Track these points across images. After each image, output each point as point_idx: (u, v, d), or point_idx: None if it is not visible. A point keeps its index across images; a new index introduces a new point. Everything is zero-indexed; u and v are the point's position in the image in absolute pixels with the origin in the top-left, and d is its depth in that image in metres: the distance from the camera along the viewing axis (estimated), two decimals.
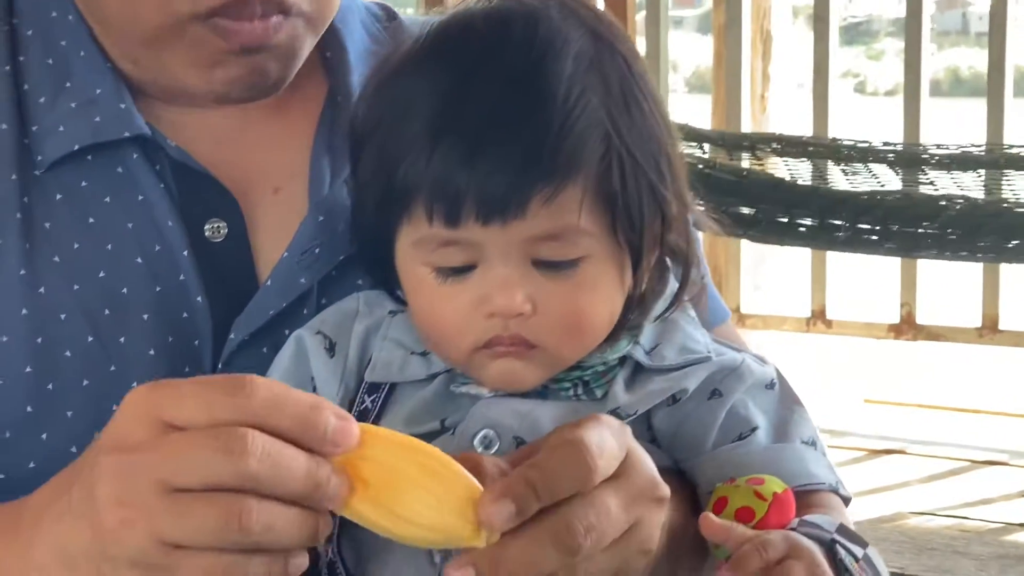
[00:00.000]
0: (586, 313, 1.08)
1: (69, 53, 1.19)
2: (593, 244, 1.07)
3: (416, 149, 1.05)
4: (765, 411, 1.14)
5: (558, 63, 1.06)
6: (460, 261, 1.06)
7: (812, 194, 2.52)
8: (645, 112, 1.10)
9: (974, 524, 3.82)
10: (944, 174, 2.78)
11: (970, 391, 5.05)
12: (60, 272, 1.14)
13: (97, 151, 1.16)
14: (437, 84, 1.06)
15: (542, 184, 1.03)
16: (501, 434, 1.08)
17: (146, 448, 0.86)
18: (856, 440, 4.49)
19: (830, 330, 4.53)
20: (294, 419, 0.87)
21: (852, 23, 23.41)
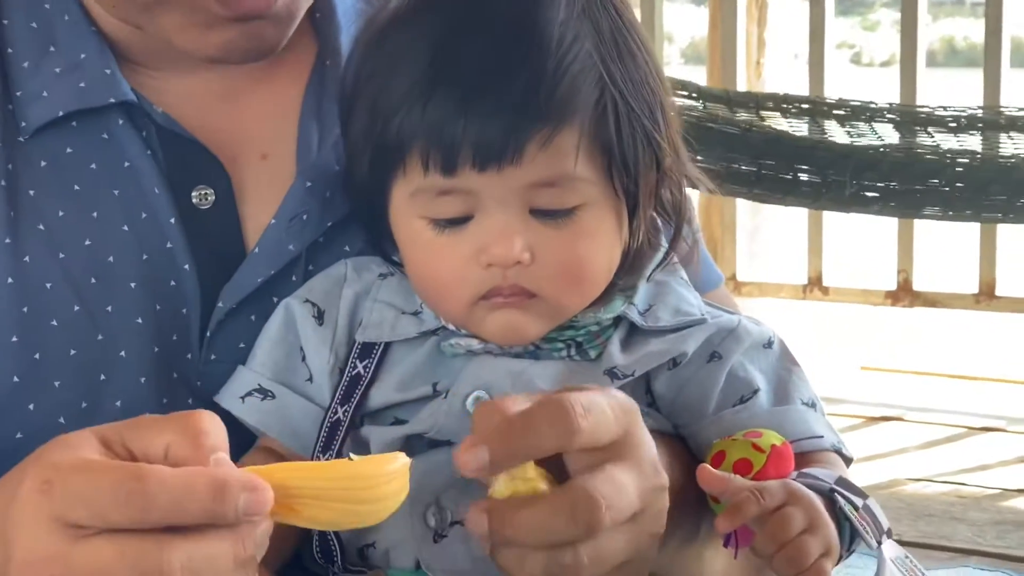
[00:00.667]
0: (584, 261, 1.07)
1: (53, 17, 1.17)
2: (590, 191, 1.07)
3: (410, 99, 1.04)
4: (764, 371, 1.14)
5: (550, 10, 1.05)
6: (457, 211, 1.06)
7: (815, 148, 2.47)
8: (638, 60, 1.09)
9: (971, 490, 3.82)
10: (948, 134, 2.75)
11: (967, 357, 5.05)
12: (45, 240, 1.12)
13: (82, 117, 1.15)
14: (429, 34, 1.06)
15: (538, 128, 1.03)
16: (493, 394, 1.07)
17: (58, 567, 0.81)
18: (853, 407, 4.49)
19: (827, 297, 4.53)
20: (201, 515, 0.81)
21: None
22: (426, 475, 1.05)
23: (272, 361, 1.12)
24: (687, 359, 1.11)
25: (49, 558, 0.81)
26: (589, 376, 1.08)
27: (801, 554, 1.00)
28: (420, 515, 1.06)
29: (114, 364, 1.01)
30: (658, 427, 1.11)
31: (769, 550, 1.00)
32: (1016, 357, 5.06)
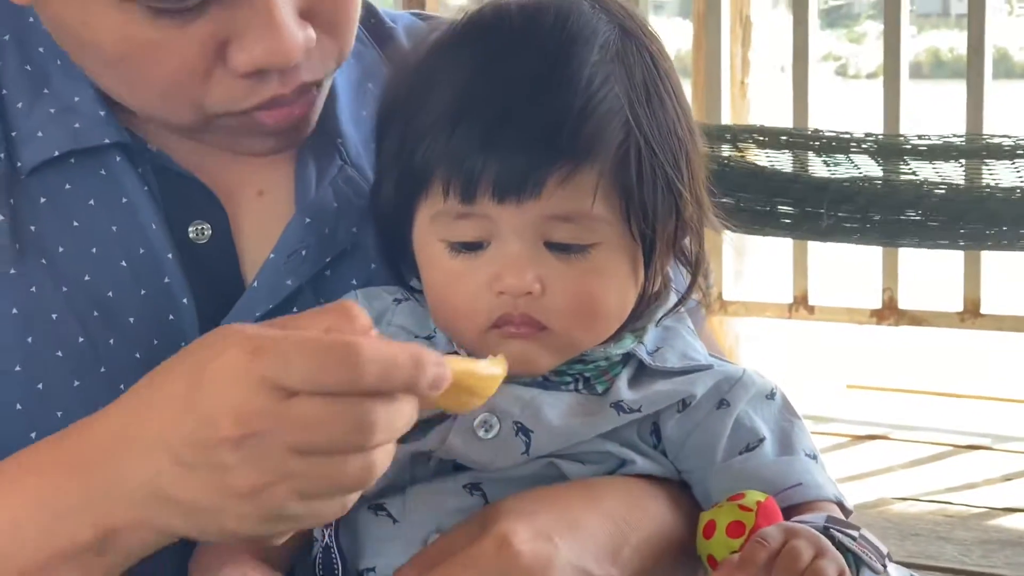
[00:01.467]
0: (595, 298, 1.09)
1: (46, 60, 1.18)
2: (606, 231, 1.09)
3: (438, 126, 1.07)
4: (767, 421, 1.15)
5: (584, 50, 1.08)
6: (473, 236, 1.08)
7: (793, 182, 2.52)
8: (668, 108, 1.12)
9: (957, 509, 3.83)
10: (925, 164, 2.78)
11: (953, 376, 5.06)
12: (48, 274, 1.13)
13: (79, 154, 1.16)
14: (465, 64, 1.09)
15: (559, 164, 1.05)
16: (501, 419, 1.09)
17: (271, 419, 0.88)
18: (839, 426, 4.50)
19: (812, 316, 4.53)
20: (402, 385, 0.89)
21: (833, 6, 23.42)
22: (429, 502, 1.08)
23: None
24: (696, 402, 1.13)
25: (259, 413, 0.88)
26: (596, 408, 1.10)
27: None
28: (422, 540, 1.07)
29: (115, 396, 1.02)
30: (662, 472, 1.13)
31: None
32: (1001, 375, 5.07)
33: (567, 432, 1.10)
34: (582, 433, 1.10)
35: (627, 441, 1.12)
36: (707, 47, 4.54)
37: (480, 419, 1.09)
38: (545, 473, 1.10)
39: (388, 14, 1.35)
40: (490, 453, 1.09)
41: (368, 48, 1.30)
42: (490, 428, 1.09)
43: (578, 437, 1.10)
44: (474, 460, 1.09)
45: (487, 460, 1.08)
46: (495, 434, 1.08)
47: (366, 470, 0.90)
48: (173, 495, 0.92)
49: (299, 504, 0.90)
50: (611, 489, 1.10)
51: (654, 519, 1.11)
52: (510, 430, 1.08)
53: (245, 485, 0.89)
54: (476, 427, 1.08)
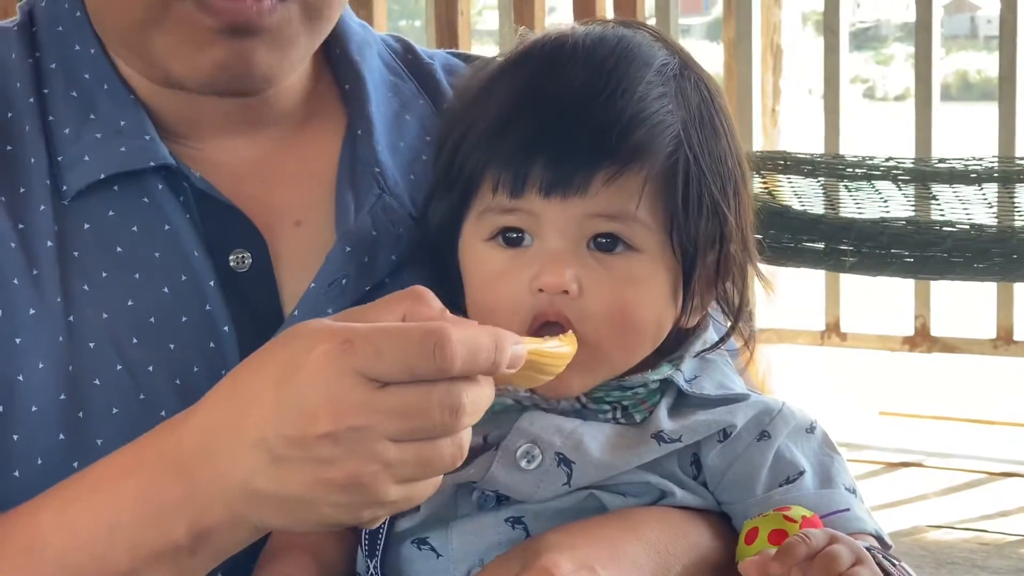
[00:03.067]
0: (631, 307, 1.10)
1: (93, 86, 1.20)
2: (648, 239, 1.10)
3: (493, 129, 1.10)
4: (807, 455, 1.15)
5: (643, 68, 1.12)
6: (516, 223, 1.11)
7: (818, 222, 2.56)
8: (720, 138, 1.14)
9: (993, 537, 3.81)
10: (952, 194, 2.80)
11: (986, 403, 5.04)
12: (89, 301, 1.15)
13: (123, 181, 1.17)
14: (523, 77, 1.13)
15: (607, 164, 1.08)
16: (544, 449, 1.09)
17: (368, 411, 0.91)
18: (872, 453, 4.48)
19: (845, 343, 4.53)
20: (486, 365, 0.93)
21: (861, 28, 23.39)
22: (472, 536, 1.09)
23: None
24: (737, 433, 1.13)
25: (356, 406, 0.91)
26: (637, 439, 1.11)
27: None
28: (465, 574, 1.09)
29: (155, 423, 1.03)
30: (702, 504, 1.13)
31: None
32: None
33: (608, 463, 1.10)
34: (623, 464, 1.11)
35: (667, 472, 1.12)
36: (738, 75, 4.55)
37: (523, 450, 1.10)
38: (586, 505, 1.11)
39: (425, 52, 1.37)
40: (532, 484, 1.09)
41: (406, 82, 1.32)
42: (532, 459, 1.09)
43: (619, 468, 1.11)
44: (517, 491, 1.09)
45: (529, 491, 1.09)
46: (537, 465, 1.09)
47: (457, 449, 0.94)
48: (271, 491, 0.94)
49: (396, 489, 0.93)
50: (652, 519, 1.11)
51: (696, 548, 1.11)
52: (552, 461, 1.09)
53: (344, 476, 0.92)
54: (519, 458, 1.09)
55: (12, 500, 1.07)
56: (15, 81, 1.20)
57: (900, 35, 22.60)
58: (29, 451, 1.11)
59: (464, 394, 0.92)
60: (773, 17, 4.78)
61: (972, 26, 24.84)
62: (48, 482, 1.08)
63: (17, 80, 1.20)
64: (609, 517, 1.10)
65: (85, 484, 1.02)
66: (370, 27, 1.34)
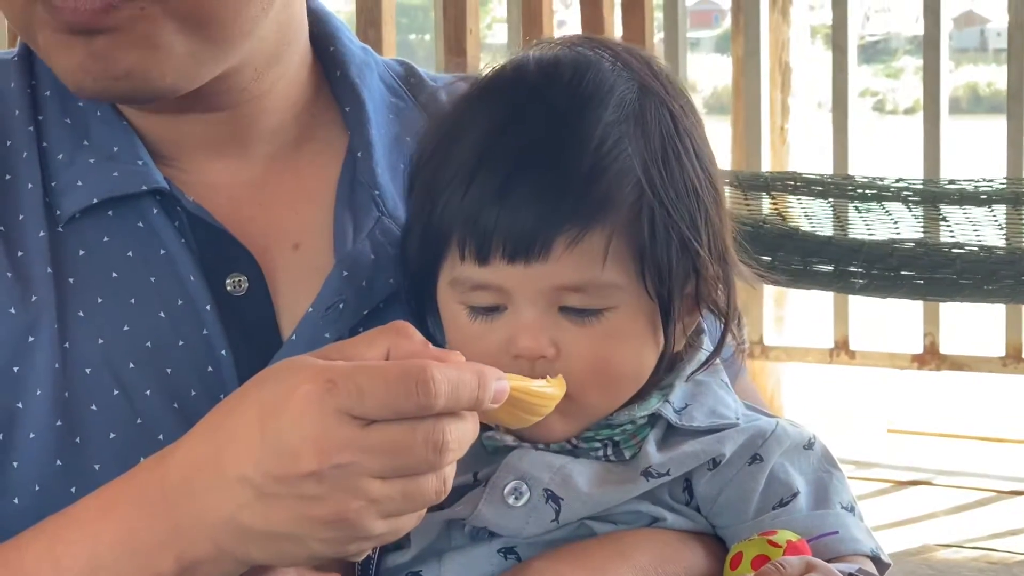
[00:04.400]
0: (612, 362, 1.09)
1: (86, 112, 1.20)
2: (620, 296, 1.08)
3: (454, 184, 1.08)
4: (804, 473, 1.14)
5: (598, 110, 1.08)
6: (490, 302, 1.09)
7: (827, 244, 2.57)
8: (686, 168, 1.11)
9: (1001, 556, 3.81)
10: (962, 215, 2.81)
11: (995, 421, 5.04)
12: (85, 326, 1.15)
13: (117, 206, 1.17)
14: (482, 122, 1.10)
15: (568, 227, 1.05)
16: (532, 486, 1.09)
17: (352, 449, 0.92)
18: (881, 471, 4.48)
19: (853, 361, 4.52)
20: (469, 402, 0.94)
21: (870, 41, 23.40)
22: (464, 568, 1.09)
23: None
24: (727, 460, 1.12)
25: (339, 445, 0.91)
26: (625, 475, 1.10)
27: None
28: None
29: (152, 448, 1.03)
30: (694, 528, 1.13)
31: None
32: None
33: (597, 499, 1.10)
34: (612, 500, 1.10)
35: (659, 500, 1.12)
36: (746, 93, 4.55)
37: (511, 487, 1.09)
38: (578, 534, 1.10)
39: (429, 75, 1.36)
40: (521, 520, 1.09)
41: (408, 105, 1.32)
42: (520, 495, 1.09)
43: (607, 504, 1.10)
44: (505, 527, 1.09)
45: (518, 527, 1.09)
46: (525, 501, 1.09)
47: (441, 484, 0.95)
48: (257, 527, 0.95)
49: (381, 523, 0.94)
50: (643, 542, 1.10)
51: (688, 571, 1.11)
52: (540, 497, 1.09)
53: (330, 513, 0.92)
54: (506, 495, 1.09)
55: (11, 527, 1.08)
56: (14, 109, 1.21)
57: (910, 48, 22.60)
58: (27, 478, 1.11)
59: (448, 431, 0.93)
60: (782, 35, 4.78)
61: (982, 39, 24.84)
62: (46, 508, 1.08)
63: (16, 108, 1.21)
64: (599, 541, 1.10)
65: (70, 520, 1.03)
66: (372, 50, 1.34)
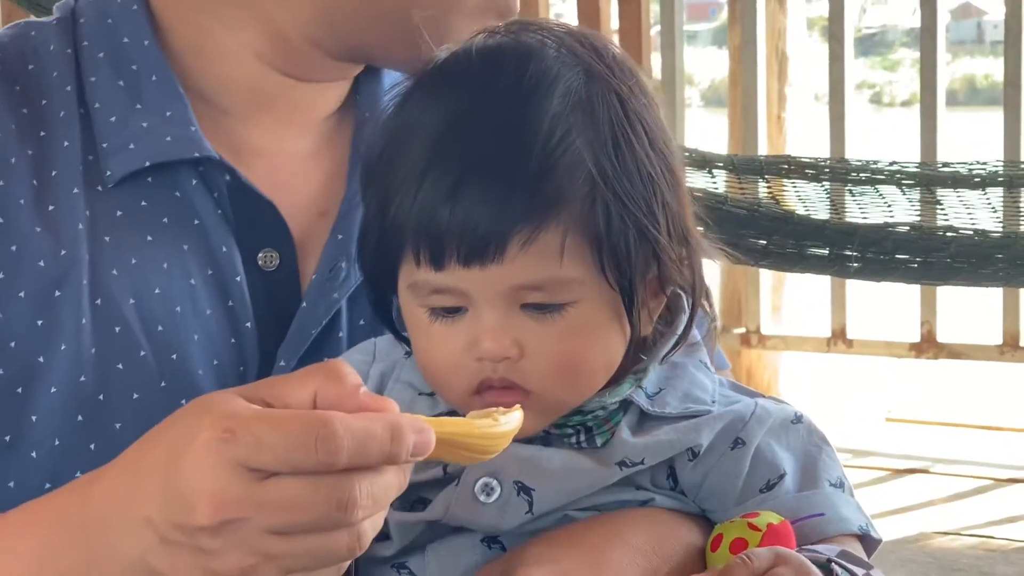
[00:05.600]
0: (577, 357, 1.07)
1: (141, 76, 1.22)
2: (581, 289, 1.06)
3: (405, 188, 1.05)
4: (792, 449, 1.13)
5: (544, 102, 1.05)
6: (451, 303, 1.06)
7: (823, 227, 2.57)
8: (638, 153, 1.07)
9: (999, 543, 3.81)
10: (956, 199, 2.81)
11: (992, 408, 5.05)
12: (118, 285, 1.16)
13: (158, 174, 1.19)
14: (428, 121, 1.07)
15: (520, 225, 1.03)
16: (502, 481, 1.07)
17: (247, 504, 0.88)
18: (879, 460, 4.49)
19: (851, 349, 4.52)
20: (379, 458, 0.88)
21: (867, 34, 23.40)
22: (448, 559, 1.08)
23: None
24: (706, 448, 1.11)
25: (234, 499, 0.87)
26: (598, 464, 1.09)
27: None
28: None
29: (174, 410, 1.03)
30: (685, 508, 1.12)
31: None
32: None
33: (570, 488, 1.08)
34: (585, 488, 1.08)
35: (642, 486, 1.11)
36: (743, 82, 4.54)
37: (480, 484, 1.07)
38: (561, 524, 1.09)
39: None
40: (495, 516, 1.07)
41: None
42: (491, 492, 1.07)
43: (582, 493, 1.09)
44: (480, 524, 1.08)
45: (493, 523, 1.07)
46: (496, 497, 1.07)
47: (353, 541, 0.89)
48: (163, 571, 0.91)
49: None
50: (638, 521, 1.09)
51: (685, 547, 1.10)
52: (511, 491, 1.07)
53: (228, 569, 0.89)
54: (477, 492, 1.07)
55: (28, 480, 1.10)
56: (52, 71, 1.22)
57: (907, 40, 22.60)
58: (46, 432, 1.12)
59: (357, 487, 0.87)
60: (778, 23, 4.78)
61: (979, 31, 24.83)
62: (64, 463, 1.10)
63: (54, 70, 1.22)
64: (593, 522, 1.09)
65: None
66: None
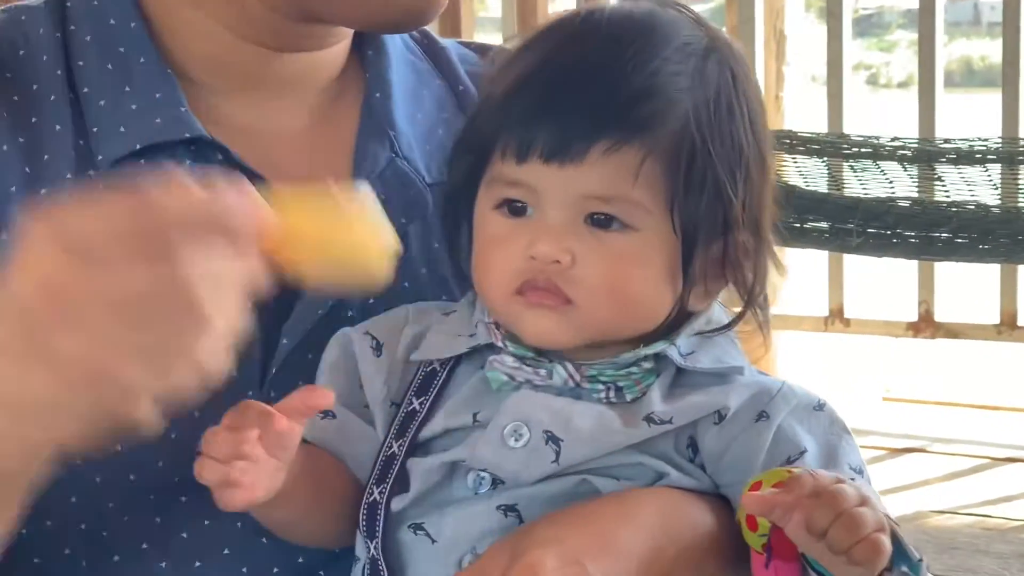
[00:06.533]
0: (623, 282, 1.10)
1: (128, 59, 1.21)
2: (646, 220, 1.10)
3: (509, 92, 1.12)
4: (813, 434, 1.14)
5: (662, 44, 1.12)
6: (519, 197, 1.11)
7: (823, 201, 2.57)
8: (736, 122, 1.13)
9: (996, 522, 3.82)
10: (957, 175, 2.81)
11: (990, 388, 5.04)
12: None
13: (151, 155, 1.19)
14: (546, 45, 1.14)
15: (606, 134, 1.08)
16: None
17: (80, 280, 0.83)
18: (876, 439, 4.49)
19: (848, 329, 4.53)
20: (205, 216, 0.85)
21: (864, 15, 23.33)
22: (464, 523, 1.09)
23: (334, 385, 1.15)
24: (733, 414, 1.12)
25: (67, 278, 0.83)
26: (627, 419, 1.10)
27: (858, 523, 0.99)
28: (456, 562, 1.09)
29: None
30: (698, 486, 1.13)
31: (824, 522, 0.99)
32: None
33: (597, 441, 1.10)
34: (612, 444, 1.10)
35: (661, 454, 1.12)
36: None
37: (510, 428, 1.09)
38: (579, 491, 1.10)
39: (439, 38, 1.40)
40: (520, 462, 1.09)
41: (422, 62, 1.34)
42: (520, 436, 1.09)
43: (608, 448, 1.10)
44: (504, 469, 1.10)
45: (517, 469, 1.09)
46: (525, 442, 1.09)
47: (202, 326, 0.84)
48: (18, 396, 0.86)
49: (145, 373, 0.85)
50: (648, 501, 1.10)
51: (694, 528, 1.10)
52: (540, 438, 1.09)
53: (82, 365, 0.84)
54: (506, 436, 1.09)
55: None
56: (42, 55, 1.22)
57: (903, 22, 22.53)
58: None
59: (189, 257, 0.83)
60: (776, 3, 4.77)
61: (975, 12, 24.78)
62: None
63: (44, 53, 1.22)
64: (602, 502, 1.09)
65: None
66: None
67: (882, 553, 1.00)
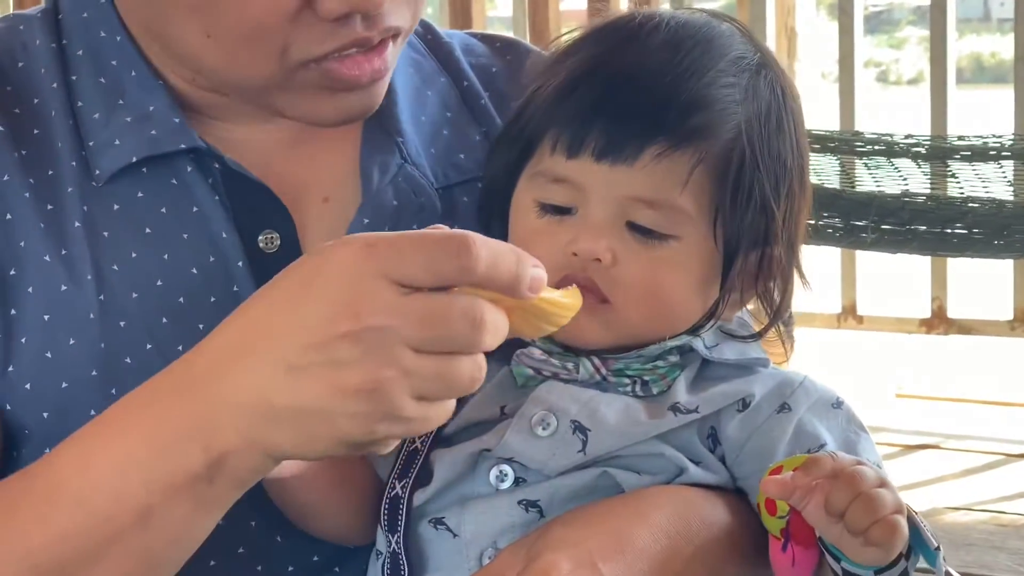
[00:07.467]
0: (660, 287, 1.12)
1: (120, 72, 1.21)
2: (688, 228, 1.11)
3: (561, 89, 1.13)
4: (831, 431, 1.15)
5: (719, 55, 1.14)
6: (563, 200, 1.12)
7: (838, 197, 2.57)
8: (784, 137, 1.16)
9: (1011, 518, 3.81)
10: (971, 172, 2.80)
11: (1003, 384, 5.03)
12: (120, 280, 1.16)
13: (152, 163, 1.19)
14: (604, 43, 1.16)
15: (660, 139, 1.10)
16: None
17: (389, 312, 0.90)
18: (890, 436, 4.48)
19: (861, 326, 4.52)
20: (507, 278, 0.92)
21: (873, 12, 23.29)
22: (485, 518, 1.10)
23: None
24: (756, 403, 1.13)
25: (377, 306, 0.90)
26: (653, 410, 1.12)
27: (877, 503, 1.00)
28: (477, 557, 1.09)
29: None
30: (717, 481, 1.13)
31: (843, 502, 1.00)
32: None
33: (624, 432, 1.10)
34: (639, 434, 1.11)
35: (684, 445, 1.12)
36: None
37: (538, 417, 1.10)
38: (600, 484, 1.11)
39: (443, 32, 1.39)
40: (547, 451, 1.10)
41: (426, 59, 1.33)
42: (547, 426, 1.10)
43: (634, 438, 1.11)
44: (531, 458, 1.10)
45: (544, 458, 1.10)
46: (552, 432, 1.10)
47: (477, 370, 0.93)
48: (283, 404, 0.92)
49: (412, 404, 0.91)
50: (663, 500, 1.11)
51: (710, 526, 1.11)
52: (567, 428, 1.10)
53: (361, 380, 0.90)
54: (534, 425, 1.10)
55: None
56: (40, 67, 1.22)
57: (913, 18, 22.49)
58: (61, 428, 1.10)
59: (486, 310, 0.91)
60: (787, 0, 4.76)
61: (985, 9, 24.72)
62: None
63: (42, 66, 1.22)
64: (618, 501, 1.10)
65: (103, 423, 1.01)
66: None
67: (899, 534, 1.01)
